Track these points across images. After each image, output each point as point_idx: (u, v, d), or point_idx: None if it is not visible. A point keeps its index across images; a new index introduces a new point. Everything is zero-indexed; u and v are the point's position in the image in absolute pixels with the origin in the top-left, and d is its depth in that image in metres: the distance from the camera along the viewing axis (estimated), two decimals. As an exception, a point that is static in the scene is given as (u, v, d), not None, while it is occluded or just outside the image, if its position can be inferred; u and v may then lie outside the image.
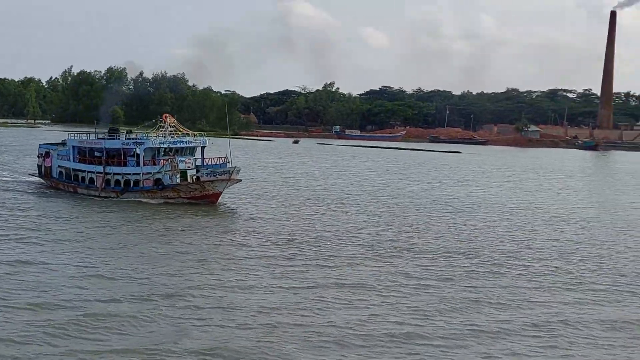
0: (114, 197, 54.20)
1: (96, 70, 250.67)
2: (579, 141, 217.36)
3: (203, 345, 21.20)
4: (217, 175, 52.55)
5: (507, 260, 36.60)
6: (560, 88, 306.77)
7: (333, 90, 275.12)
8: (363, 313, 25.78)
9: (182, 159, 53.89)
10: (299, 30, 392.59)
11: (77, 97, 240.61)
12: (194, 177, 53.07)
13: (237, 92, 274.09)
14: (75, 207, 50.21)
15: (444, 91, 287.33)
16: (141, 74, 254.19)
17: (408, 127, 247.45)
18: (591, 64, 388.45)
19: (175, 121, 57.81)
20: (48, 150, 62.18)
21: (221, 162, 55.26)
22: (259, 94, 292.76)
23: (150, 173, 53.59)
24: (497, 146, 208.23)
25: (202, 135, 58.64)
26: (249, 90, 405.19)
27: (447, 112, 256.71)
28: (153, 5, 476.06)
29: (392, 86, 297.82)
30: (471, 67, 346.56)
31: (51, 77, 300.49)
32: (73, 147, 59.49)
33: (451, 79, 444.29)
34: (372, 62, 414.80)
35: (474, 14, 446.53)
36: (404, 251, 37.73)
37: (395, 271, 32.79)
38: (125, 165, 55.24)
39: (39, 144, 66.24)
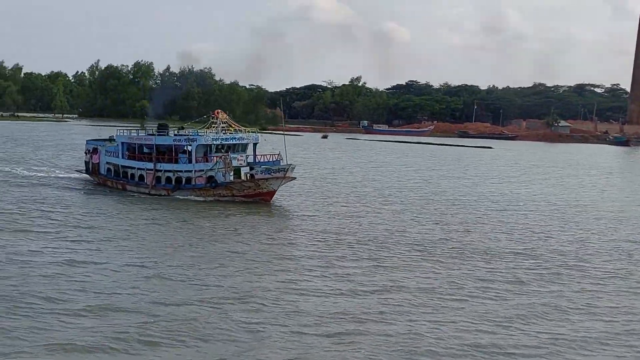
0: (164, 195, 53.16)
1: (123, 65, 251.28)
2: (610, 137, 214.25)
3: (286, 356, 20.18)
4: (272, 173, 51.07)
5: (569, 261, 35.27)
6: (587, 83, 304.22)
7: (360, 84, 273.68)
8: (435, 319, 24.59)
9: (235, 155, 53.01)
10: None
11: (105, 92, 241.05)
12: (248, 175, 52.04)
13: (263, 86, 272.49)
14: (126, 204, 49.17)
15: (471, 86, 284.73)
16: (168, 68, 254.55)
17: (435, 121, 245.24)
18: (615, 59, 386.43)
19: (227, 117, 56.45)
20: (96, 147, 61.07)
21: (274, 160, 54.04)
22: (284, 89, 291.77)
23: (203, 170, 52.31)
24: (527, 141, 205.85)
25: (254, 132, 57.15)
26: (273, 84, 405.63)
27: (475, 107, 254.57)
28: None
29: (418, 81, 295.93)
30: (497, 62, 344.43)
31: (77, 72, 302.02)
32: (122, 143, 58.28)
33: (478, 73, 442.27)
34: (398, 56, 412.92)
35: (497, 9, 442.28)
36: (460, 251, 36.52)
37: (457, 274, 31.54)
38: (176, 162, 54.06)
39: (86, 140, 65.26)
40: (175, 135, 56.76)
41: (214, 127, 54.72)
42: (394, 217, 47.71)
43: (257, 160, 54.88)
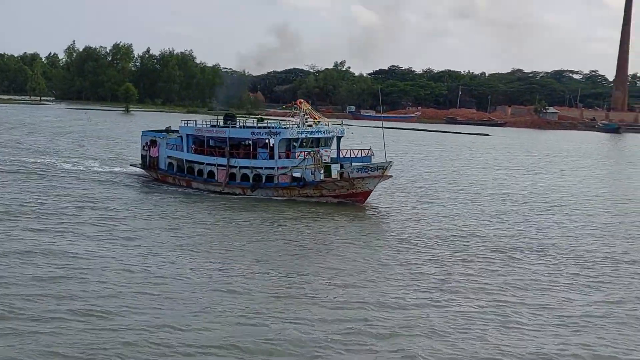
0: (239, 194, 48.25)
1: (101, 46, 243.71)
2: (599, 123, 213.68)
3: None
4: (370, 172, 45.86)
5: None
6: (566, 69, 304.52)
7: (344, 69, 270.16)
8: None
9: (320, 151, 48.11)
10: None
11: (83, 74, 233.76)
12: (340, 173, 46.89)
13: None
14: (196, 204, 44.79)
15: (454, 71, 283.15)
16: (148, 50, 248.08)
17: (421, 107, 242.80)
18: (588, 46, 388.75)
19: (310, 107, 51.24)
20: (154, 139, 55.54)
21: (364, 155, 49.14)
22: (265, 72, 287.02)
23: (287, 167, 47.28)
24: (516, 128, 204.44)
25: (340, 124, 51.93)
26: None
27: (460, 93, 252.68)
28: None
29: (400, 66, 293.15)
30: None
31: (50, 53, 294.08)
32: (187, 135, 52.71)
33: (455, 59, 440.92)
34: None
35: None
36: (539, 253, 34.37)
37: (564, 281, 29.40)
38: (255, 157, 49.15)
39: (142, 132, 59.14)
40: (253, 127, 51.79)
41: (297, 118, 49.54)
42: (447, 211, 45.86)
43: (340, 156, 50.12)
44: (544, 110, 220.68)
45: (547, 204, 51.55)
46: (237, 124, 53.57)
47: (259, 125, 52.07)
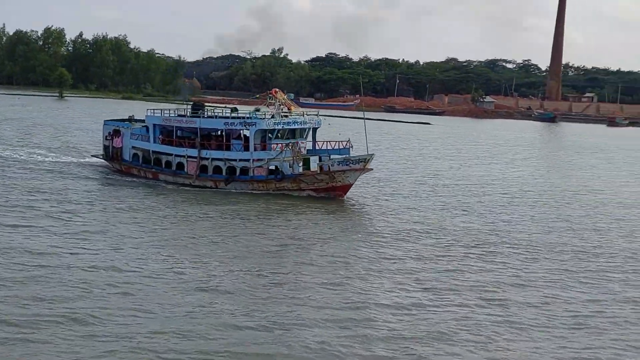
0: (211, 187, 46.36)
1: (33, 30, 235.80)
2: (535, 112, 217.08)
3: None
4: (351, 164, 44.51)
5: None
6: (499, 58, 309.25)
7: (281, 56, 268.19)
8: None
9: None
10: None
11: (13, 58, 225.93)
12: (320, 166, 45.32)
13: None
14: (166, 197, 42.71)
15: (392, 59, 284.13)
16: (81, 34, 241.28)
17: (359, 95, 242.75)
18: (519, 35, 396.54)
19: (285, 97, 49.44)
20: (118, 128, 52.71)
21: (342, 147, 47.52)
22: (201, 58, 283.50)
23: (264, 160, 45.70)
24: (454, 117, 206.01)
25: (315, 115, 50.30)
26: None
27: (397, 82, 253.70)
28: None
29: (337, 53, 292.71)
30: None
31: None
32: (154, 125, 50.16)
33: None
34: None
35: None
36: (515, 247, 34.19)
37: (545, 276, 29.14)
38: (228, 149, 47.20)
39: (104, 121, 55.96)
40: (227, 117, 49.42)
41: (271, 108, 47.82)
42: (439, 205, 45.16)
43: (315, 148, 48.51)
44: (481, 99, 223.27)
45: (507, 195, 51.49)
46: (205, 113, 50.91)
47: (233, 115, 49.77)
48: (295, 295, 24.57)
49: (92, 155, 57.09)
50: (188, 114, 50.37)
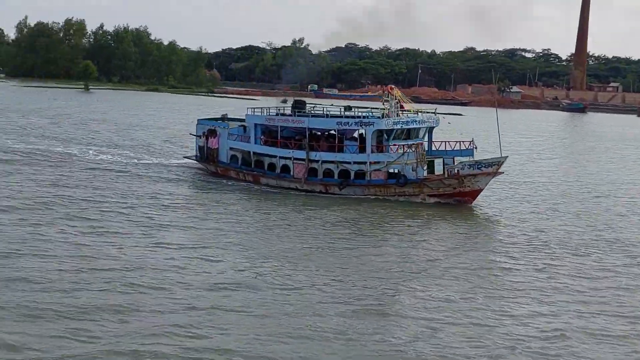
0: (320, 192, 43.82)
1: (54, 22, 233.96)
2: (563, 103, 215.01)
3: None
4: (483, 168, 41.16)
5: None
6: (518, 47, 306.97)
7: (302, 46, 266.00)
8: None
9: (413, 143, 43.16)
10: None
11: (35, 51, 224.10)
12: (447, 170, 42.30)
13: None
14: (273, 202, 40.64)
15: (413, 49, 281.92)
16: (102, 26, 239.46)
17: (382, 86, 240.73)
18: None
19: (401, 94, 46.17)
20: (213, 128, 50.27)
21: (464, 149, 44.22)
22: (220, 49, 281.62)
23: (382, 162, 42.69)
24: (481, 107, 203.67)
25: (434, 112, 46.87)
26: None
27: (419, 72, 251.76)
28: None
29: (357, 44, 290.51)
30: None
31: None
32: (255, 125, 47.54)
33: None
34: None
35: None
36: None
37: None
38: (341, 150, 44.49)
39: (198, 120, 53.71)
40: (340, 116, 46.30)
41: (387, 106, 44.83)
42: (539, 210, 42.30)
43: (431, 149, 45.76)
44: (508, 90, 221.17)
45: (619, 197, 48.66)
46: (309, 112, 48.64)
47: (347, 114, 46.94)
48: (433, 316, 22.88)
49: (184, 157, 55.03)
50: (294, 113, 47.75)
